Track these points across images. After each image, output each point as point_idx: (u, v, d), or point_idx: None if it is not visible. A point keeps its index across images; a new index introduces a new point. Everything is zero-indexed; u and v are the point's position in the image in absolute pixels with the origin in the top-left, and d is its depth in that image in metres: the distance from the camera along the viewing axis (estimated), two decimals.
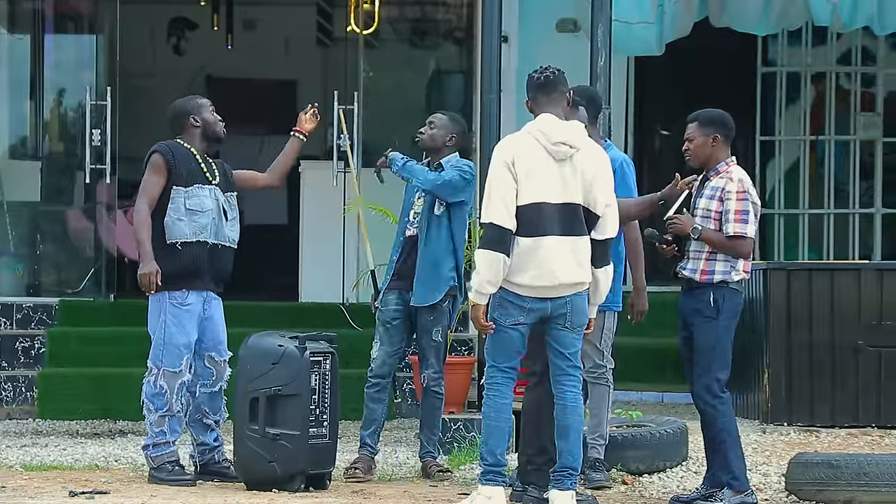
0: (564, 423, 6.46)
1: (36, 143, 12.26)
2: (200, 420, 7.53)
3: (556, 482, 6.46)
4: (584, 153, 6.51)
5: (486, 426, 6.48)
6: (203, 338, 7.48)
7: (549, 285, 6.39)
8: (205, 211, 7.43)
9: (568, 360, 6.48)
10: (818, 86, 12.21)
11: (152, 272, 7.28)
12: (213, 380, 7.53)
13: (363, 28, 12.15)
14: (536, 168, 6.41)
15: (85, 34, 12.60)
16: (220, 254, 7.49)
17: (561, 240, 6.40)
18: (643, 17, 10.03)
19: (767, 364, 9.19)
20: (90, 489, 7.12)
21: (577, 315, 6.46)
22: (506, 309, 6.42)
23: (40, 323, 11.07)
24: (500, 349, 6.48)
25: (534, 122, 6.53)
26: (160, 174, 7.43)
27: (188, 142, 7.56)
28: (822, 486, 6.92)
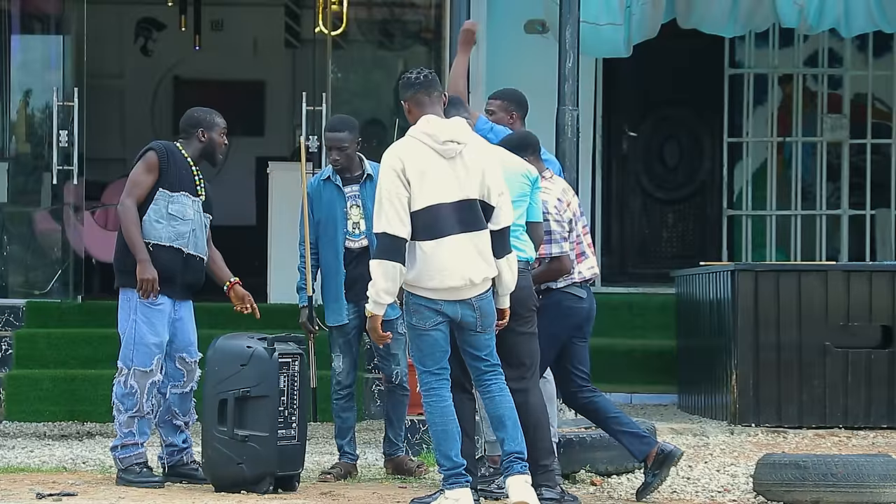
0: (498, 414, 6.49)
1: (3, 143, 12.19)
2: (170, 421, 7.51)
3: (506, 470, 6.46)
4: (471, 147, 6.51)
5: (434, 433, 6.46)
6: (174, 339, 7.46)
7: (458, 285, 6.38)
8: (185, 219, 7.41)
9: (485, 361, 6.52)
10: (785, 87, 12.26)
11: (155, 277, 7.27)
12: (184, 381, 7.51)
13: (331, 29, 12.14)
14: (428, 170, 6.38)
15: (52, 34, 12.53)
16: (194, 265, 7.47)
17: (462, 237, 6.39)
18: (611, 19, 10.06)
19: (735, 365, 9.23)
20: (58, 491, 7.09)
21: (487, 317, 6.49)
22: (421, 314, 6.40)
23: (7, 324, 11.01)
24: (426, 353, 6.45)
25: (417, 126, 6.48)
26: (152, 172, 7.40)
27: (187, 149, 7.52)
28: (790, 487, 6.95)
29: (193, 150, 7.52)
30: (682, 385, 10.73)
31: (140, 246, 7.29)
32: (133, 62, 15.46)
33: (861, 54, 12.21)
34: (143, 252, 7.29)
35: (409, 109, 6.54)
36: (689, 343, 10.56)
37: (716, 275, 9.72)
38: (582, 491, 7.37)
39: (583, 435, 7.64)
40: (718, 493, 7.37)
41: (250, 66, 15.38)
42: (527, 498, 6.40)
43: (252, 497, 7.02)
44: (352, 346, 7.88)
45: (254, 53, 15.50)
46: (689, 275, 10.49)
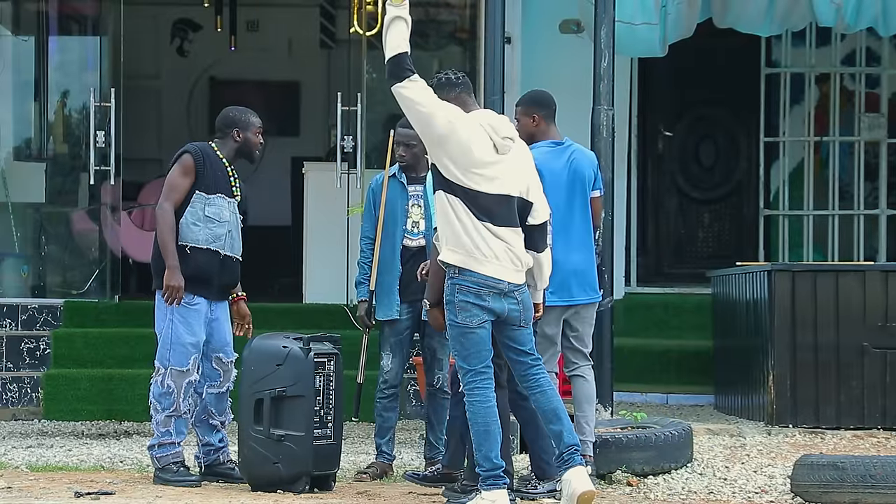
0: (552, 407, 6.51)
1: (40, 144, 12.27)
2: (206, 421, 7.54)
3: (565, 464, 6.47)
4: (519, 145, 6.63)
5: (475, 433, 6.46)
6: (210, 339, 7.49)
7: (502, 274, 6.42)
8: (222, 221, 7.44)
9: (530, 355, 6.56)
10: (822, 87, 12.20)
11: (181, 285, 7.31)
12: (221, 381, 7.54)
13: (366, 29, 12.15)
14: (487, 156, 6.46)
15: (89, 36, 12.60)
16: (230, 266, 7.50)
17: (501, 230, 6.46)
18: (646, 19, 10.02)
19: (772, 366, 9.19)
20: (95, 490, 7.13)
21: (528, 311, 6.55)
22: (468, 311, 6.42)
23: (45, 324, 11.08)
24: (472, 351, 6.46)
25: (480, 116, 6.55)
26: (188, 175, 7.43)
27: (222, 149, 7.55)
28: (828, 488, 6.92)
29: (229, 149, 7.55)
30: (719, 386, 10.70)
31: (171, 252, 7.33)
32: (169, 63, 15.52)
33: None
34: (173, 258, 7.32)
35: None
36: (726, 343, 10.53)
37: (752, 275, 9.68)
38: (618, 491, 7.35)
39: (619, 435, 7.62)
40: (756, 494, 7.34)
41: (286, 66, 15.42)
42: (589, 487, 6.42)
43: (288, 496, 7.04)
44: (402, 346, 7.89)
45: (289, 54, 15.54)
46: (725, 275, 10.45)
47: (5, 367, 10.75)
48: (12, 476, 7.67)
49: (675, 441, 7.75)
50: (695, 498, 7.23)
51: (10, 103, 12.11)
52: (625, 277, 11.82)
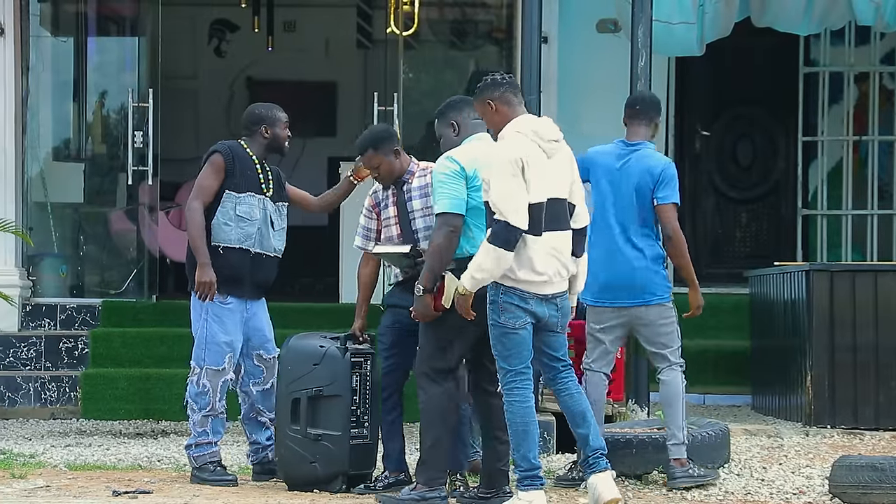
0: (579, 410, 6.52)
1: (79, 144, 12.33)
2: (255, 419, 7.57)
3: (590, 467, 6.47)
4: (564, 147, 6.61)
5: (514, 433, 6.46)
6: (250, 337, 7.52)
7: (547, 280, 6.43)
8: (253, 220, 7.46)
9: (562, 361, 6.59)
10: (861, 86, 12.13)
11: (213, 280, 7.33)
12: (264, 377, 7.55)
13: (403, 29, 12.16)
14: (539, 168, 6.45)
15: (127, 36, 12.67)
16: (262, 263, 7.51)
17: (556, 235, 6.47)
18: (684, 18, 10.00)
19: (810, 366, 9.15)
20: (133, 489, 7.16)
21: (565, 317, 6.59)
22: (511, 312, 6.43)
23: (83, 324, 11.14)
24: (513, 352, 6.46)
25: (523, 124, 6.52)
26: (218, 175, 7.45)
27: (251, 146, 7.57)
28: (867, 490, 6.87)
29: (258, 146, 7.57)
30: (756, 386, 10.65)
31: (202, 250, 7.35)
32: (207, 63, 15.57)
33: None
34: (203, 255, 7.34)
35: (497, 108, 6.57)
36: (764, 344, 10.48)
37: (790, 275, 9.63)
38: (654, 492, 7.33)
39: (655, 436, 7.60)
40: (793, 495, 7.31)
41: (322, 66, 15.45)
42: (615, 494, 6.42)
43: (324, 496, 7.06)
44: None
45: (326, 54, 15.56)
46: (763, 275, 10.40)
47: (44, 367, 10.81)
48: (51, 475, 7.72)
49: (713, 441, 7.72)
50: (732, 498, 7.20)
51: (50, 104, 12.18)
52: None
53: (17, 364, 10.80)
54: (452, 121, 6.89)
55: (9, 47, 11.15)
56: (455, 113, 6.89)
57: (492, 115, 6.58)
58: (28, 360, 10.84)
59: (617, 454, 7.37)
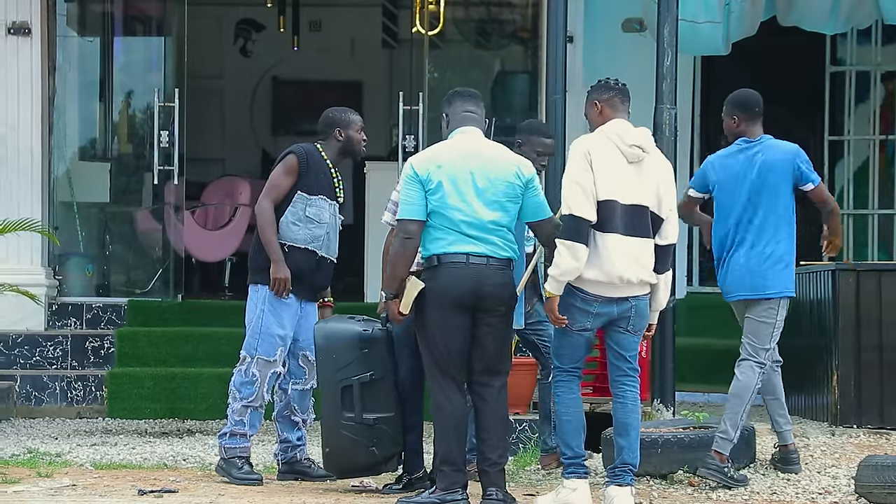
0: (625, 421, 6.64)
1: (105, 144, 12.38)
2: (288, 417, 7.59)
3: (614, 478, 6.58)
4: (654, 157, 6.72)
5: (560, 423, 6.68)
6: (298, 337, 7.55)
7: (613, 282, 6.53)
8: (322, 223, 7.50)
9: (628, 363, 6.67)
10: (888, 85, 12.08)
11: (287, 276, 7.38)
12: (306, 378, 7.59)
13: (428, 29, 12.17)
14: (611, 167, 6.55)
15: (153, 36, 12.71)
16: (325, 267, 7.57)
17: (627, 240, 6.55)
18: (709, 17, 9.97)
19: (836, 366, 9.11)
20: (159, 488, 7.18)
21: (639, 319, 6.64)
22: (572, 314, 6.55)
23: (109, 323, 11.18)
24: (566, 352, 6.67)
25: (608, 126, 6.68)
26: (291, 176, 7.49)
27: (327, 150, 7.61)
28: (893, 489, 6.85)
29: (333, 150, 7.60)
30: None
31: (275, 246, 7.41)
32: (232, 63, 15.60)
33: None
34: (277, 252, 7.40)
35: (602, 110, 6.74)
36: (789, 343, 10.40)
37: (816, 274, 9.59)
38: (679, 491, 7.32)
39: (681, 435, 7.59)
40: (819, 495, 7.28)
41: (348, 66, 15.46)
42: None
43: (349, 496, 7.07)
44: None
45: (351, 54, 15.57)
46: None
47: (70, 366, 10.85)
48: (77, 473, 7.75)
49: (738, 441, 7.70)
50: (757, 498, 7.19)
51: (76, 104, 12.22)
52: (687, 277, 11.76)
53: (44, 363, 10.84)
54: (444, 113, 6.94)
55: (35, 47, 11.20)
56: (446, 106, 6.93)
57: (596, 115, 6.76)
58: (54, 360, 10.88)
59: (642, 454, 7.34)
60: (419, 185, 6.63)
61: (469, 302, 6.56)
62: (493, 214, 6.62)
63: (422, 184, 6.63)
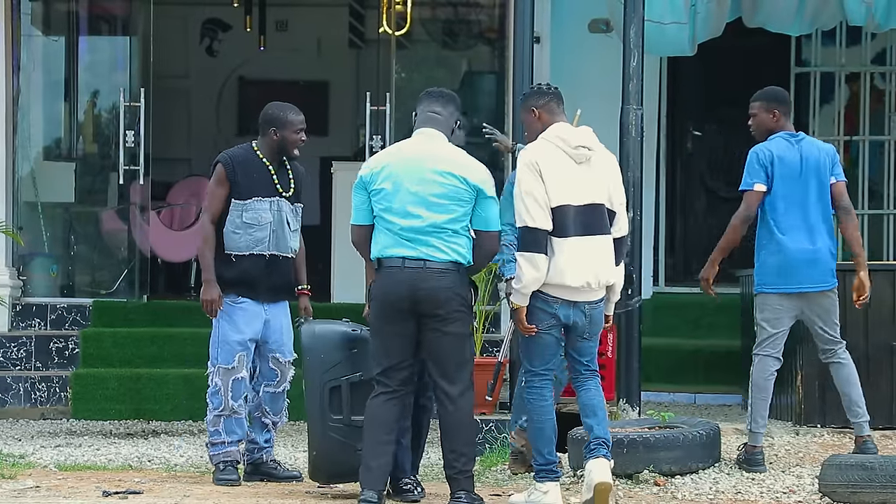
0: (591, 403, 6.73)
1: (70, 144, 12.32)
2: (259, 419, 7.58)
3: (590, 453, 6.66)
4: (600, 154, 6.75)
5: (531, 429, 6.75)
6: (267, 339, 7.52)
7: (576, 286, 6.58)
8: (262, 224, 7.46)
9: (586, 366, 6.77)
10: (852, 86, 12.14)
11: (214, 299, 7.36)
12: (278, 381, 7.56)
13: (395, 29, 12.16)
14: (560, 172, 6.61)
15: (119, 36, 12.66)
16: (279, 265, 7.51)
17: (586, 240, 6.61)
18: (676, 18, 9.99)
19: (801, 366, 9.14)
20: (123, 489, 7.15)
21: (595, 325, 6.73)
22: (535, 315, 6.60)
23: (74, 323, 11.13)
24: (535, 353, 6.70)
25: (550, 131, 6.73)
26: (223, 185, 7.47)
27: (262, 147, 7.56)
28: (856, 489, 6.88)
29: (268, 147, 7.56)
30: (747, 386, 10.63)
31: (207, 266, 7.42)
32: (198, 63, 15.56)
33: None
34: (207, 272, 7.41)
35: (540, 116, 6.77)
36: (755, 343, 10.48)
37: None
38: (645, 491, 7.34)
39: (646, 435, 7.60)
40: (784, 494, 7.31)
41: (315, 66, 15.44)
42: (607, 479, 6.59)
43: (314, 496, 7.05)
44: None
45: (318, 54, 15.55)
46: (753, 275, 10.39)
47: (34, 367, 10.80)
48: (41, 475, 7.71)
49: (703, 441, 7.73)
50: (722, 498, 7.21)
51: (41, 103, 12.16)
52: (653, 277, 11.80)
53: (7, 364, 10.79)
54: (414, 112, 6.95)
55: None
56: (417, 105, 6.94)
57: (534, 121, 6.79)
58: (18, 360, 10.82)
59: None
60: (364, 190, 6.69)
61: (406, 306, 6.55)
62: (434, 216, 6.57)
63: (366, 188, 6.67)
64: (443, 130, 6.79)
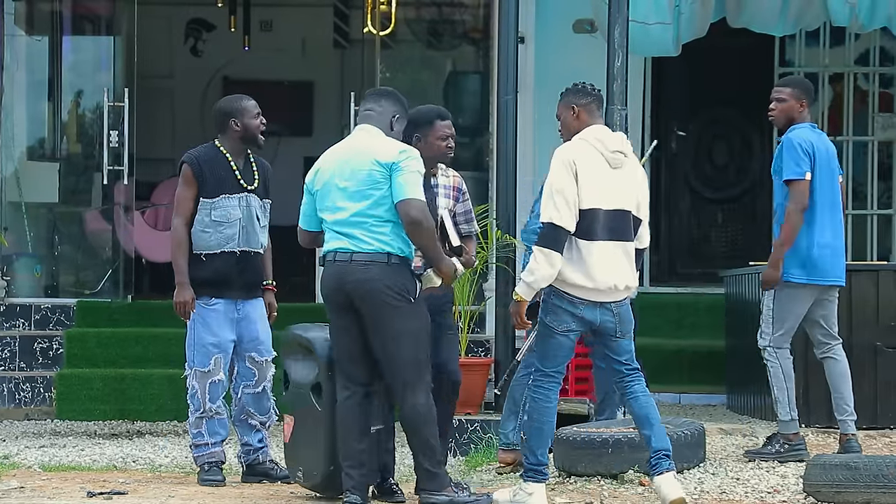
0: (643, 413, 6.68)
1: (54, 144, 12.29)
2: (245, 421, 7.56)
3: (654, 469, 6.63)
4: (632, 161, 6.73)
5: (530, 427, 6.68)
6: (241, 338, 7.51)
7: (601, 288, 6.56)
8: (231, 221, 7.45)
9: (626, 365, 6.71)
10: (836, 86, 12.18)
11: (187, 301, 7.35)
12: (256, 380, 7.54)
13: (380, 29, 12.16)
14: (595, 174, 6.57)
15: (103, 35, 12.63)
16: (250, 261, 7.50)
17: (612, 245, 6.60)
18: (660, 18, 10.01)
19: None
20: (108, 490, 7.14)
21: (626, 323, 6.69)
22: (558, 316, 6.57)
23: (58, 324, 11.11)
24: (549, 354, 6.64)
25: (589, 132, 6.68)
26: (190, 186, 7.46)
27: (226, 144, 7.54)
28: (840, 488, 6.89)
29: (233, 142, 7.53)
30: (731, 385, 10.67)
31: (180, 268, 7.38)
32: (183, 63, 15.54)
33: None
34: (180, 274, 7.37)
35: (579, 115, 6.71)
36: (739, 343, 10.50)
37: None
38: (630, 491, 7.34)
39: (631, 435, 7.60)
40: (768, 494, 7.33)
41: (299, 66, 15.43)
42: (680, 494, 6.57)
43: (301, 497, 7.05)
44: None
45: (303, 54, 15.54)
46: (738, 275, 10.42)
47: (18, 367, 10.78)
48: (25, 476, 7.69)
49: (688, 441, 7.74)
50: (707, 497, 7.22)
51: (25, 103, 12.14)
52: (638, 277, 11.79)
53: None
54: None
55: None
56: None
57: (572, 120, 6.73)
58: (2, 361, 10.80)
59: (592, 453, 7.42)
60: (308, 194, 6.75)
61: (341, 300, 6.53)
62: (355, 206, 6.54)
63: (310, 191, 6.74)
64: (376, 125, 6.76)
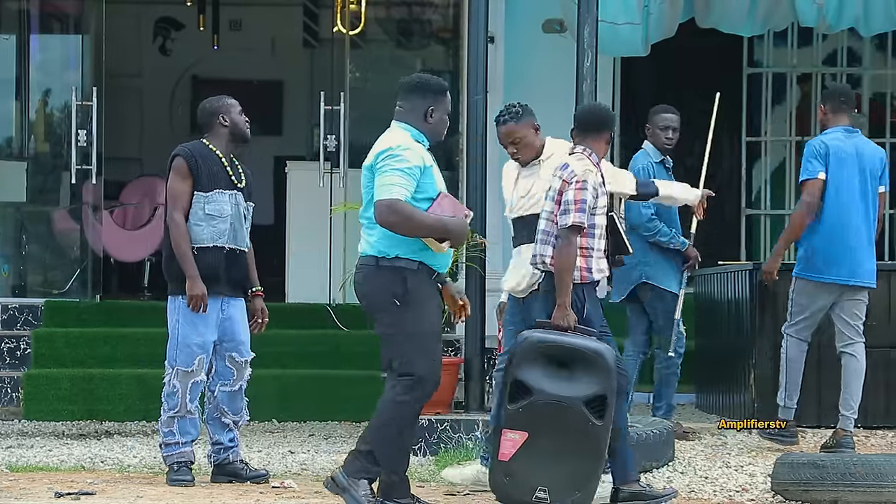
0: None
1: (21, 143, 12.24)
2: (219, 419, 7.55)
3: None
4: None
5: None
6: (223, 338, 7.50)
7: None
8: (224, 216, 7.45)
9: None
10: (804, 86, 12.23)
11: (203, 293, 7.31)
12: (234, 379, 7.54)
13: (349, 28, 12.14)
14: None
15: (71, 34, 12.58)
16: (236, 258, 7.51)
17: None
18: (629, 18, 10.04)
19: (754, 364, 9.20)
20: (76, 490, 7.12)
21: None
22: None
23: (26, 324, 11.05)
24: None
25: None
26: (186, 178, 7.43)
27: (214, 143, 7.55)
28: (808, 487, 6.93)
29: (221, 139, 7.55)
30: (701, 384, 10.71)
31: (189, 262, 7.34)
32: (151, 62, 15.50)
33: (880, 53, 12.17)
34: (192, 268, 7.34)
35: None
36: (708, 343, 10.54)
37: (734, 274, 9.69)
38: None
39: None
40: (736, 493, 7.35)
41: (268, 65, 15.41)
42: None
43: (270, 496, 7.04)
44: None
45: (272, 53, 15.52)
46: (707, 274, 10.46)
47: None
48: None
49: (657, 440, 7.76)
50: (676, 497, 7.24)
51: None
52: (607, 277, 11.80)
53: None
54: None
55: None
56: None
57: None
58: None
59: None
60: None
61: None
62: (360, 208, 6.55)
63: None
64: (404, 120, 6.56)
